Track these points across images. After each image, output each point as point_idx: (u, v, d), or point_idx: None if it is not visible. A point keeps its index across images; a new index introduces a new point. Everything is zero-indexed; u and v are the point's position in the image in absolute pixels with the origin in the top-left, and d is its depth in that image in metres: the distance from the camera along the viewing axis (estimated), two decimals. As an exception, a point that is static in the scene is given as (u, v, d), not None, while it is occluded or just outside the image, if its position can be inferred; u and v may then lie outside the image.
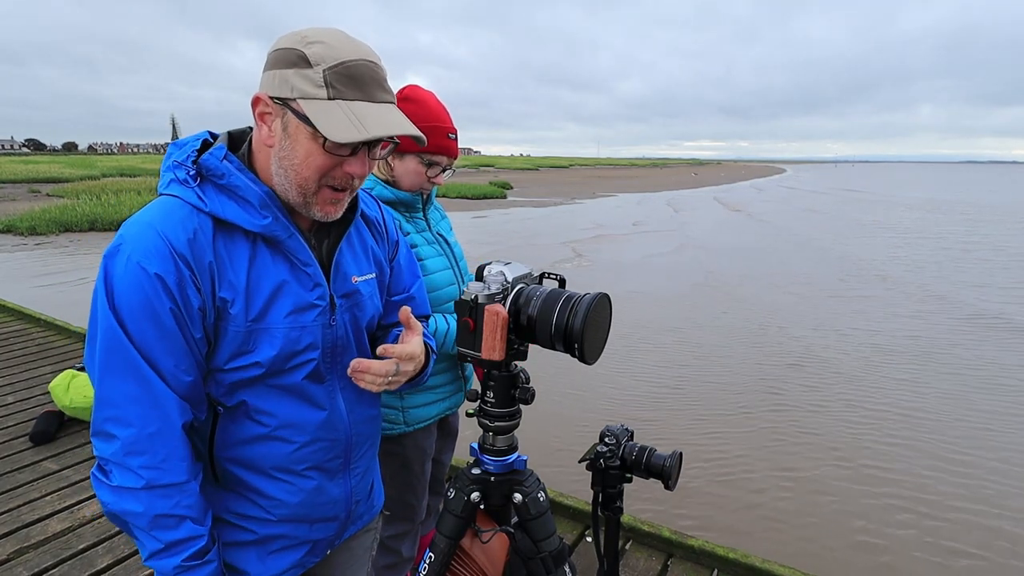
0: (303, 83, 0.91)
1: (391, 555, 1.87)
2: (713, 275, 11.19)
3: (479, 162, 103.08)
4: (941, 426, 4.97)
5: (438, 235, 1.83)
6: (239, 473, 1.04)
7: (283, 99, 0.92)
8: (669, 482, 1.36)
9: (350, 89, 0.91)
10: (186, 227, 0.91)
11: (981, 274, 11.60)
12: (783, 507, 3.84)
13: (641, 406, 5.33)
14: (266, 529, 1.07)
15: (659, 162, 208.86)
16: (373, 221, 1.22)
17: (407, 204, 1.73)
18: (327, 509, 1.13)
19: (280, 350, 0.99)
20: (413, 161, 1.67)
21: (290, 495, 1.07)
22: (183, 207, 0.93)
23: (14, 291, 8.38)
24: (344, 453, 1.13)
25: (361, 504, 1.23)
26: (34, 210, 17.46)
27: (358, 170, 0.97)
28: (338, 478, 1.13)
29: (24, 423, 3.55)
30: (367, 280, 1.15)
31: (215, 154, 0.96)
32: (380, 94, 0.95)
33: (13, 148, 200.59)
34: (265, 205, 0.96)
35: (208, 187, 0.95)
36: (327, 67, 0.90)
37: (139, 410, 0.89)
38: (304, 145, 0.93)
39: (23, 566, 2.36)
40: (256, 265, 0.98)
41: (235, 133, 1.05)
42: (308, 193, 0.97)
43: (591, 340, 1.14)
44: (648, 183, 49.66)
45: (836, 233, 17.85)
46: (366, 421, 1.17)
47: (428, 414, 1.78)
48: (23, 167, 43.45)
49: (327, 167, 0.95)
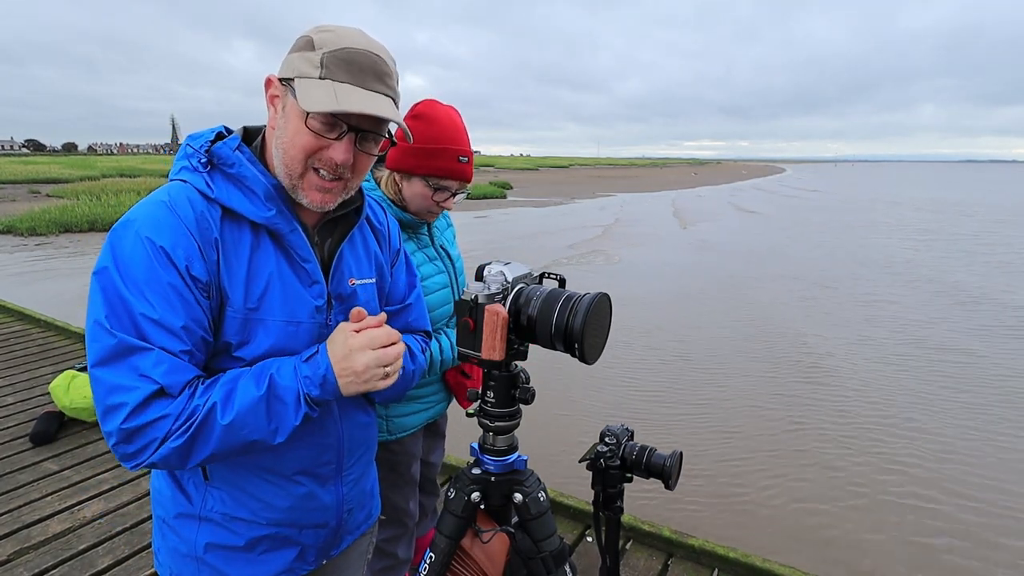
0: (303, 64, 0.93)
1: (387, 558, 1.87)
2: (712, 274, 11.19)
3: (479, 162, 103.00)
4: (959, 419, 4.98)
5: (441, 248, 1.79)
6: (229, 471, 1.03)
7: (287, 80, 0.95)
8: (669, 482, 1.36)
9: (342, 72, 0.92)
10: (194, 206, 0.93)
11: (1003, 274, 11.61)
12: (784, 507, 3.84)
13: (641, 406, 5.33)
14: (253, 532, 1.06)
15: (659, 162, 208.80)
16: (378, 227, 1.22)
17: (410, 226, 1.69)
18: (316, 515, 1.12)
19: (273, 346, 0.98)
20: (419, 184, 1.60)
21: (279, 499, 1.06)
22: (191, 190, 0.95)
23: (14, 292, 8.39)
24: (336, 459, 1.12)
25: (355, 513, 1.21)
26: (34, 211, 17.46)
27: (339, 157, 0.96)
28: (329, 485, 1.12)
29: (24, 424, 3.55)
30: (365, 284, 1.14)
31: (228, 144, 0.98)
32: (374, 84, 0.95)
33: (13, 149, 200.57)
34: (271, 197, 0.97)
35: (217, 175, 0.97)
36: (327, 51, 0.92)
37: (143, 380, 0.87)
38: (294, 123, 0.95)
39: (23, 567, 2.36)
40: (257, 255, 0.98)
41: (251, 129, 1.06)
42: (294, 175, 0.97)
43: (591, 340, 1.14)
44: (648, 183, 49.65)
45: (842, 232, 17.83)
46: (359, 427, 1.17)
47: (412, 423, 1.77)
48: (23, 168, 43.41)
49: (311, 148, 0.95)
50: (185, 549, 1.06)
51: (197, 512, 1.05)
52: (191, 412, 0.88)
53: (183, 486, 1.05)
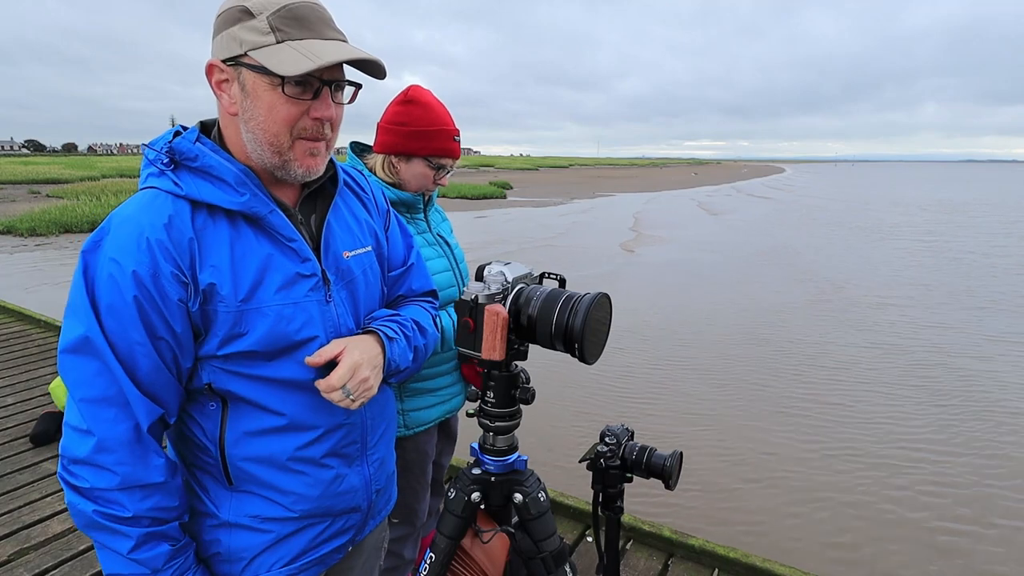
0: (250, 34, 0.89)
1: (392, 558, 1.87)
2: (710, 274, 11.19)
3: (479, 162, 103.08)
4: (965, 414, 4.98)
5: (438, 236, 1.83)
6: (254, 470, 1.00)
7: (235, 58, 0.91)
8: (670, 482, 1.36)
9: (297, 29, 0.90)
10: (161, 213, 0.90)
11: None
12: (784, 507, 3.84)
13: (641, 406, 5.33)
14: (287, 527, 1.04)
15: (659, 162, 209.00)
16: (361, 192, 1.19)
17: (408, 205, 1.73)
18: (348, 499, 1.10)
19: (272, 328, 0.95)
20: (420, 164, 1.66)
21: (309, 487, 1.03)
22: (159, 195, 0.92)
23: (14, 292, 8.39)
24: (361, 437, 1.10)
25: (382, 494, 1.20)
26: (34, 211, 17.47)
27: (325, 112, 0.94)
28: (356, 465, 1.10)
29: (24, 424, 3.55)
30: (359, 255, 1.11)
31: (187, 138, 0.95)
32: (329, 31, 0.93)
33: (13, 149, 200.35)
34: (241, 183, 0.94)
35: (183, 172, 0.94)
36: (270, 13, 0.89)
37: (112, 410, 0.88)
38: (265, 99, 0.91)
39: (24, 567, 2.36)
40: (239, 245, 0.95)
41: (207, 122, 1.03)
42: (283, 150, 0.94)
43: (591, 340, 1.14)
44: (648, 183, 49.65)
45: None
46: (377, 402, 1.14)
47: (429, 417, 1.77)
48: (23, 168, 43.44)
49: (293, 116, 0.93)
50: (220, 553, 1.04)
51: (225, 519, 1.02)
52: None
53: (206, 495, 1.03)
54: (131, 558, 0.91)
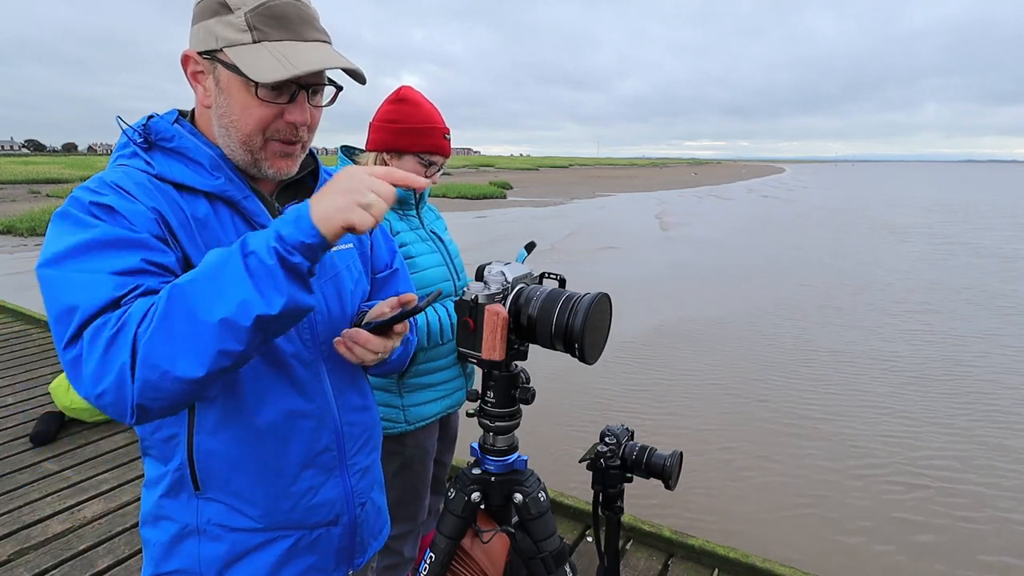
0: (226, 30, 0.86)
1: (392, 556, 1.87)
2: (711, 275, 11.19)
3: (479, 162, 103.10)
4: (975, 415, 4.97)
5: (431, 232, 1.84)
6: (222, 473, 0.94)
7: (210, 52, 0.88)
8: (670, 482, 1.36)
9: (275, 30, 0.86)
10: (136, 179, 0.87)
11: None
12: (785, 507, 3.84)
13: (641, 405, 5.33)
14: (256, 539, 0.98)
15: (659, 162, 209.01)
16: None
17: (400, 200, 1.75)
18: (324, 512, 1.03)
19: None
20: (412, 161, 1.69)
21: (278, 499, 0.97)
22: (131, 171, 0.89)
23: (14, 292, 8.38)
24: (336, 445, 1.03)
25: (369, 509, 1.13)
26: (34, 211, 17.48)
27: (299, 117, 0.91)
28: (335, 475, 1.04)
29: (24, 424, 3.54)
30: (341, 251, 1.08)
31: (165, 118, 0.93)
32: (310, 32, 0.89)
33: (13, 149, 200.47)
34: (217, 167, 0.91)
35: (156, 153, 0.91)
36: (248, 9, 0.85)
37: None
38: (239, 97, 0.89)
39: (24, 567, 2.36)
40: (215, 225, 0.91)
41: (184, 111, 1.00)
42: (255, 149, 0.92)
43: (591, 340, 1.14)
44: (647, 183, 49.66)
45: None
46: (356, 410, 1.08)
47: (429, 412, 1.78)
48: (23, 168, 43.47)
49: (267, 118, 0.90)
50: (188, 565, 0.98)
51: (194, 526, 0.96)
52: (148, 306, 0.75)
53: (174, 499, 0.97)
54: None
